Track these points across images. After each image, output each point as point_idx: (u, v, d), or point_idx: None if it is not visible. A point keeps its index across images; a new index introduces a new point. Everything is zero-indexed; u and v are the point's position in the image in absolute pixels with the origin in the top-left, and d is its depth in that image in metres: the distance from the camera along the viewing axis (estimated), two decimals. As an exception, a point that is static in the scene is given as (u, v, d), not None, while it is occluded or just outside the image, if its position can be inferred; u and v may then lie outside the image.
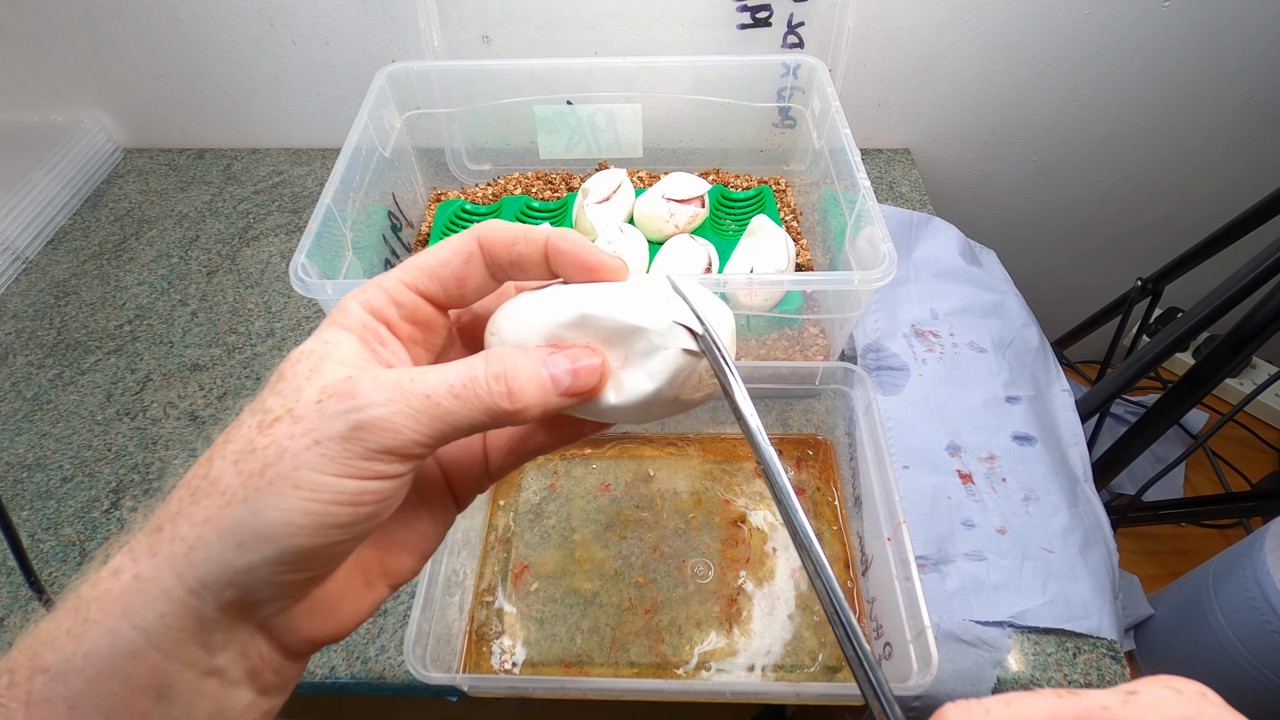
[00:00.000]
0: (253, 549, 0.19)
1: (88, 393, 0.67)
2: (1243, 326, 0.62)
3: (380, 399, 0.19)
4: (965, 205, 0.99)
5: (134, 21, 0.81)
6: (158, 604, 0.18)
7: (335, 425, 0.19)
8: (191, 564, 0.19)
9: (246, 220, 0.83)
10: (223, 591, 0.19)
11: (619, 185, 0.70)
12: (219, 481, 0.19)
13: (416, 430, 0.20)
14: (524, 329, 0.24)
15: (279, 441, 0.19)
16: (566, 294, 0.24)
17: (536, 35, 0.76)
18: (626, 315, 0.23)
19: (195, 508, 0.19)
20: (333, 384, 0.20)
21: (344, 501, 0.19)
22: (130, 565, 0.19)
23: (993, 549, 0.53)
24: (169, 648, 0.19)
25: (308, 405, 0.20)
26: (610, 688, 0.44)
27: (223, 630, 0.19)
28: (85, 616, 0.18)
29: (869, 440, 0.52)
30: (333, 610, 0.22)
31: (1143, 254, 1.07)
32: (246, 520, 0.19)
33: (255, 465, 0.19)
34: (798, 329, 0.64)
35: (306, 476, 0.19)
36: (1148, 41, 0.80)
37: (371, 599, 0.23)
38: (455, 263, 0.24)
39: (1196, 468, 1.28)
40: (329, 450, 0.19)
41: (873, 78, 0.84)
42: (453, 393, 0.20)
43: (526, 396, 0.21)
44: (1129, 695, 0.16)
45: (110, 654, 0.18)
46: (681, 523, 0.56)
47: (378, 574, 0.24)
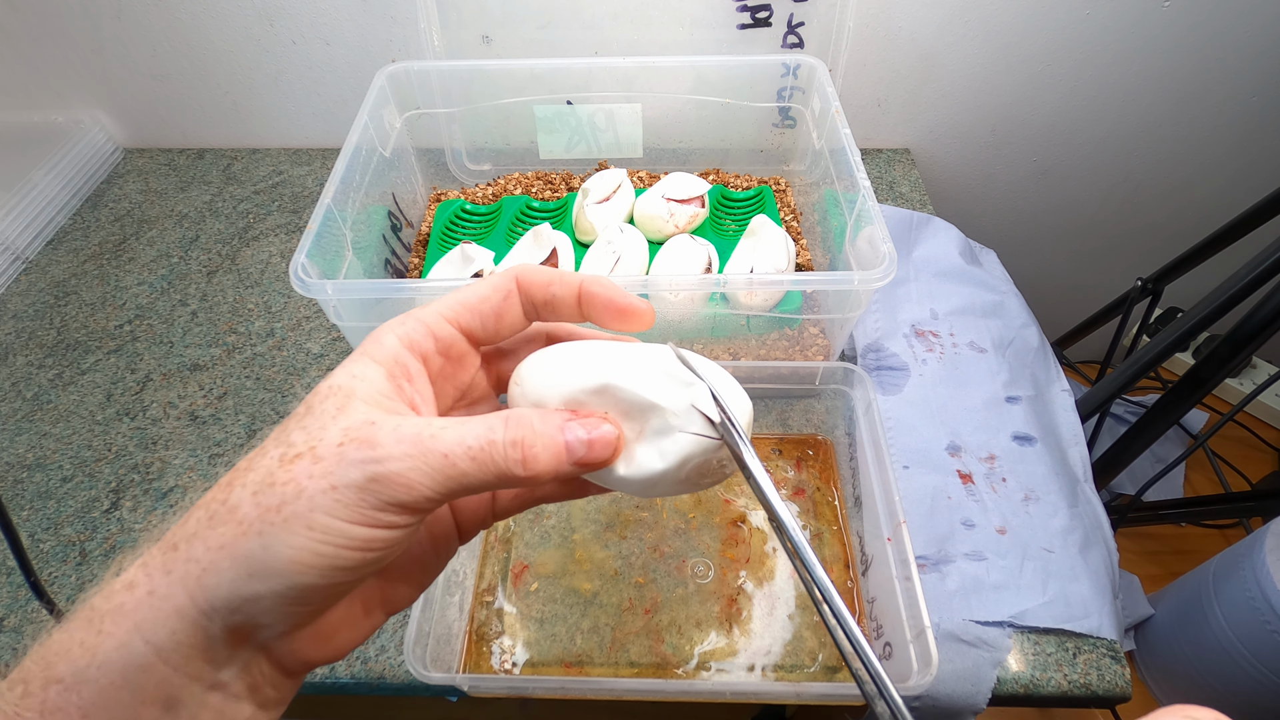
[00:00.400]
0: (262, 580, 0.19)
1: (88, 393, 0.67)
2: (1243, 326, 0.62)
3: (399, 453, 0.20)
4: (965, 205, 0.99)
5: (134, 21, 0.81)
6: (169, 621, 0.19)
7: (353, 474, 0.20)
8: (204, 587, 0.19)
9: (246, 220, 0.83)
10: (230, 616, 0.20)
11: (619, 185, 0.70)
12: (237, 510, 0.20)
13: (430, 487, 0.20)
14: (547, 386, 0.25)
15: (298, 480, 0.20)
16: (591, 357, 0.25)
17: (536, 35, 0.76)
18: (647, 392, 0.24)
19: (211, 532, 0.20)
20: (355, 427, 0.21)
21: (353, 547, 0.20)
22: (144, 580, 0.20)
23: (993, 549, 0.53)
24: (178, 662, 0.19)
25: (329, 446, 0.20)
26: (610, 688, 0.44)
27: (227, 649, 0.20)
28: (99, 629, 0.19)
29: (869, 440, 0.52)
30: (331, 636, 0.22)
31: (1143, 254, 1.07)
32: (259, 553, 0.19)
33: (273, 500, 0.20)
34: (798, 329, 0.64)
35: (320, 520, 0.19)
36: (1148, 41, 0.80)
37: (369, 626, 0.24)
38: (494, 299, 0.25)
39: (1196, 468, 1.28)
40: (344, 497, 0.20)
41: (873, 78, 0.84)
42: (469, 455, 0.21)
43: (540, 465, 0.22)
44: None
45: (122, 666, 0.19)
46: (681, 523, 0.56)
47: (377, 602, 0.24)
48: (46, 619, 0.52)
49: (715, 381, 0.24)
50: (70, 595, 0.53)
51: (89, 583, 0.54)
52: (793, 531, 0.23)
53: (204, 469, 0.61)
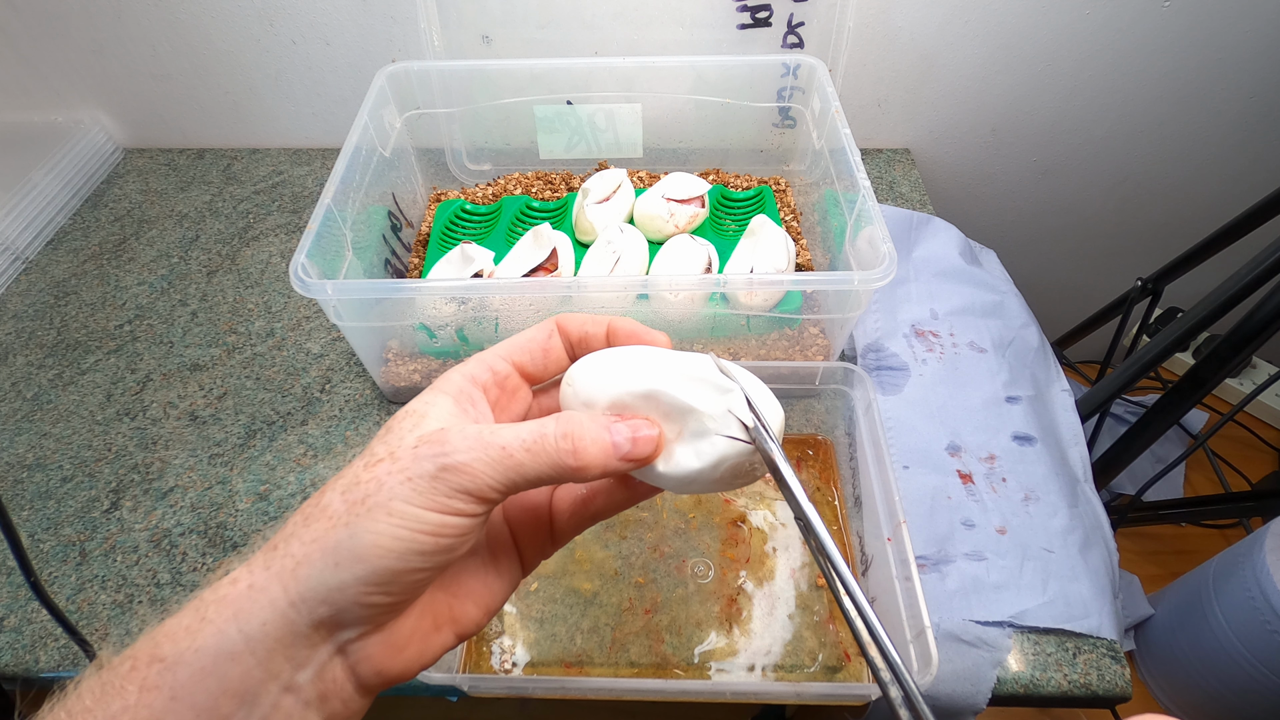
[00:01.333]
0: (347, 568, 0.22)
1: (88, 393, 0.67)
2: (1243, 326, 0.62)
3: (464, 446, 0.23)
4: (965, 205, 0.99)
5: (134, 21, 0.81)
6: (262, 611, 0.21)
7: (426, 465, 0.23)
8: (297, 578, 0.22)
9: (246, 220, 0.83)
10: (317, 607, 0.22)
11: (619, 185, 0.70)
12: (328, 509, 0.23)
13: (491, 476, 0.23)
14: (597, 387, 0.27)
15: (379, 477, 0.23)
16: (638, 362, 0.27)
17: (536, 35, 0.76)
18: (687, 397, 0.26)
19: (306, 530, 0.22)
20: (428, 434, 0.24)
21: (427, 531, 0.22)
22: (246, 576, 0.22)
23: (993, 549, 0.53)
24: (262, 655, 0.21)
25: (406, 449, 0.23)
26: (610, 688, 0.44)
27: (308, 646, 0.22)
28: (203, 615, 0.21)
29: (869, 440, 0.52)
30: (402, 646, 0.24)
31: (1143, 254, 1.07)
32: (345, 541, 0.22)
33: (358, 495, 0.22)
34: (798, 329, 0.64)
35: (398, 506, 0.22)
36: (1148, 41, 0.80)
37: (438, 643, 0.26)
38: (540, 338, 0.29)
39: (1196, 468, 1.28)
40: (419, 486, 0.22)
41: (873, 78, 0.84)
42: (524, 446, 0.24)
43: (588, 456, 0.25)
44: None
45: (215, 653, 0.21)
46: (681, 523, 0.56)
47: (446, 619, 0.26)
48: (47, 620, 0.52)
49: (751, 389, 0.26)
50: (70, 595, 0.53)
51: (89, 583, 0.54)
52: (821, 533, 0.25)
53: (204, 469, 0.61)
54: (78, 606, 0.53)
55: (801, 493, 0.25)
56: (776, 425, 0.26)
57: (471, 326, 0.60)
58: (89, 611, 0.52)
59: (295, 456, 0.61)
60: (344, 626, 0.23)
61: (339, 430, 0.63)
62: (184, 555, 0.55)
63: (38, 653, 0.50)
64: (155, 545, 0.56)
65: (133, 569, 0.55)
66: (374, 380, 0.65)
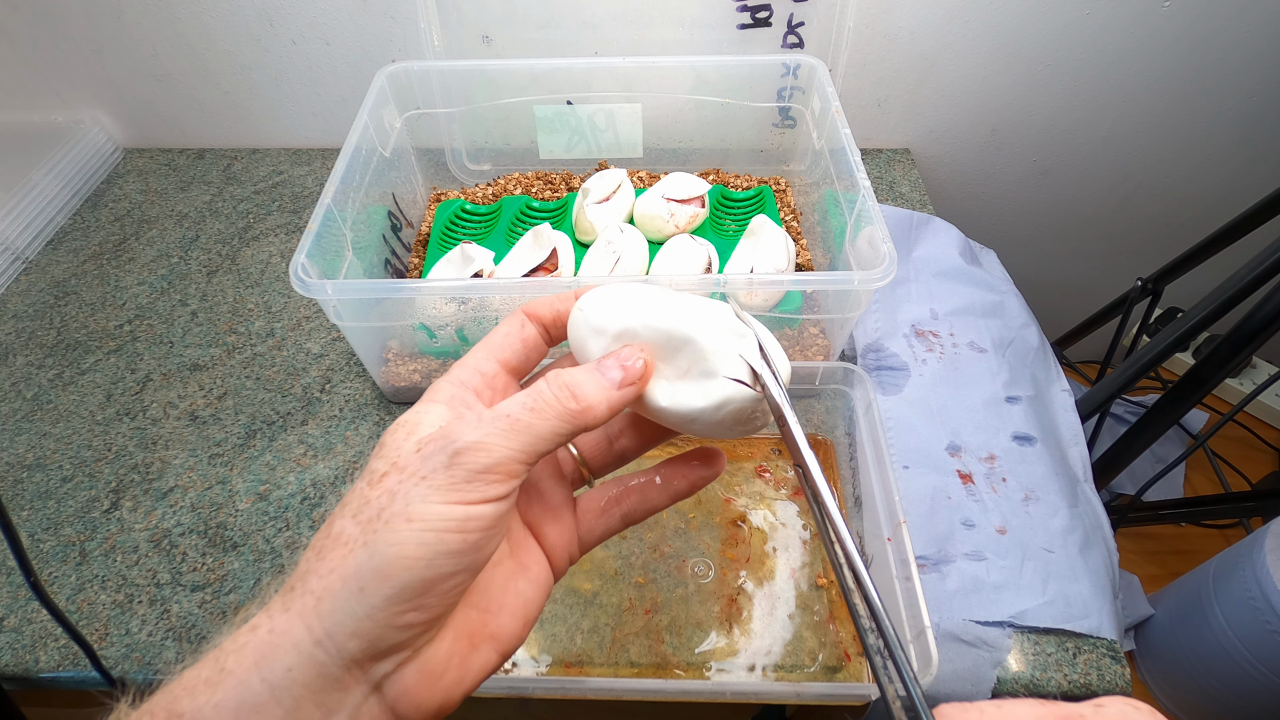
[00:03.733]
0: (373, 590, 0.20)
1: (88, 393, 0.67)
2: (1243, 326, 0.62)
3: (469, 429, 0.23)
4: (965, 205, 0.99)
5: (134, 21, 0.81)
6: (287, 657, 0.20)
7: (437, 460, 0.22)
8: (320, 615, 0.21)
9: (246, 220, 0.83)
10: (347, 642, 0.20)
11: (619, 185, 0.70)
12: (341, 535, 0.22)
13: (507, 446, 0.22)
14: (608, 316, 0.27)
15: (389, 488, 0.22)
16: (655, 298, 0.27)
17: (536, 35, 0.76)
18: (700, 336, 0.26)
19: (322, 563, 0.21)
20: (427, 436, 0.23)
21: (453, 529, 0.21)
22: (265, 621, 0.21)
23: (993, 549, 0.53)
24: (289, 704, 0.20)
25: (408, 456, 0.23)
26: (610, 688, 0.44)
27: (340, 690, 0.21)
28: (222, 666, 0.20)
29: (869, 440, 0.52)
30: (440, 673, 0.23)
31: (1143, 254, 1.07)
32: (366, 563, 0.21)
33: (371, 512, 0.22)
34: (798, 329, 0.64)
35: (417, 509, 0.21)
36: (1147, 41, 0.80)
37: (479, 663, 0.24)
38: (515, 332, 0.28)
39: (1196, 468, 1.28)
40: (435, 480, 0.22)
41: (873, 78, 0.84)
42: (527, 407, 0.23)
43: (587, 392, 0.24)
44: (1098, 708, 0.19)
45: (236, 705, 0.20)
46: (681, 522, 0.56)
47: (482, 636, 0.25)
48: (47, 620, 0.52)
49: (764, 337, 0.27)
50: (70, 595, 0.53)
51: (89, 583, 0.54)
52: (819, 482, 0.24)
53: (204, 469, 0.61)
54: (78, 606, 0.53)
55: (804, 440, 0.25)
56: (785, 374, 0.27)
57: (471, 326, 0.60)
58: (89, 611, 0.52)
59: (295, 456, 0.61)
60: (378, 659, 0.21)
61: (339, 430, 0.63)
62: (184, 555, 0.55)
63: (38, 653, 0.50)
64: (155, 545, 0.56)
65: (133, 569, 0.55)
66: (374, 380, 0.65)
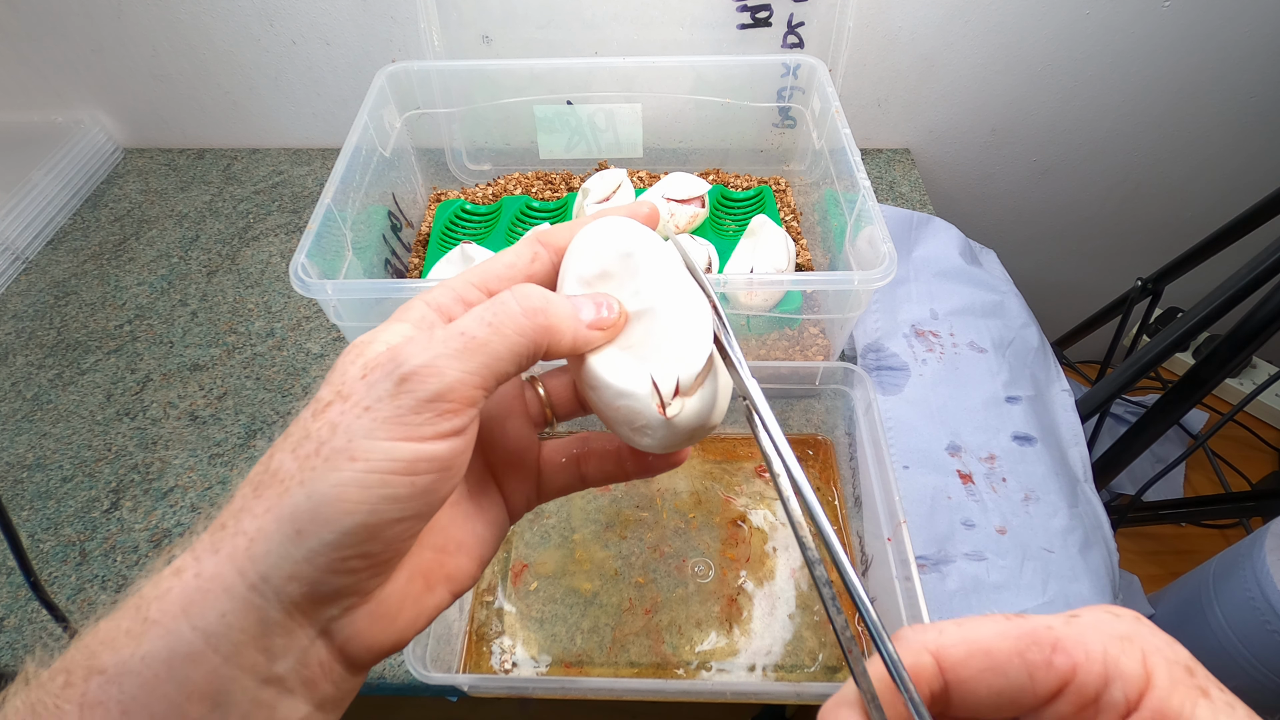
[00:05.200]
0: (312, 534, 0.18)
1: (88, 393, 0.67)
2: (1243, 326, 0.62)
3: (418, 350, 0.20)
4: (965, 205, 0.99)
5: (134, 21, 0.81)
6: (219, 602, 0.18)
7: (382, 386, 0.19)
8: (253, 558, 0.18)
9: (246, 220, 0.83)
10: (285, 585, 0.18)
11: (619, 185, 0.70)
12: (279, 472, 0.19)
13: (460, 368, 0.20)
14: (596, 258, 0.25)
15: (330, 420, 0.19)
16: (650, 263, 0.26)
17: (536, 35, 0.76)
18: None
19: (258, 501, 0.19)
20: (374, 358, 0.20)
21: (400, 470, 0.19)
22: (192, 564, 0.19)
23: (993, 549, 0.53)
24: (228, 651, 0.18)
25: (353, 383, 0.20)
26: (610, 688, 0.44)
27: (284, 635, 0.19)
28: (145, 616, 0.18)
29: (869, 440, 0.52)
30: (394, 615, 0.21)
31: (1143, 254, 1.07)
32: (303, 504, 0.18)
33: (310, 447, 0.19)
34: (798, 329, 0.64)
35: (361, 445, 0.19)
36: (1147, 41, 0.80)
37: (433, 603, 0.23)
38: (521, 264, 0.25)
39: (1196, 468, 1.28)
40: (380, 412, 0.19)
41: (873, 78, 0.84)
42: (485, 322, 0.20)
43: (555, 316, 0.22)
44: (1071, 618, 0.18)
45: (168, 657, 0.18)
46: (681, 522, 0.56)
47: (438, 577, 0.23)
48: (47, 620, 0.52)
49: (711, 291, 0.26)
50: (70, 595, 0.53)
51: (89, 583, 0.54)
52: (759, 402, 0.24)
53: (204, 469, 0.61)
54: (78, 606, 0.53)
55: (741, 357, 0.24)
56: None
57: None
58: (89, 611, 0.52)
59: (295, 456, 0.61)
60: (323, 603, 0.19)
61: (339, 430, 0.63)
62: (184, 555, 0.55)
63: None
64: (155, 545, 0.56)
65: (133, 569, 0.55)
66: (374, 380, 0.65)
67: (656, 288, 0.25)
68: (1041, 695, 0.17)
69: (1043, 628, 0.17)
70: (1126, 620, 0.17)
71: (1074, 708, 0.17)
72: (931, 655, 0.18)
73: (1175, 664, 0.17)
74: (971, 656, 0.18)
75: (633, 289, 0.25)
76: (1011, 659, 0.17)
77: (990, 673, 0.17)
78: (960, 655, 0.18)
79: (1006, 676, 0.17)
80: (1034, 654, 0.17)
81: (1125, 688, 0.16)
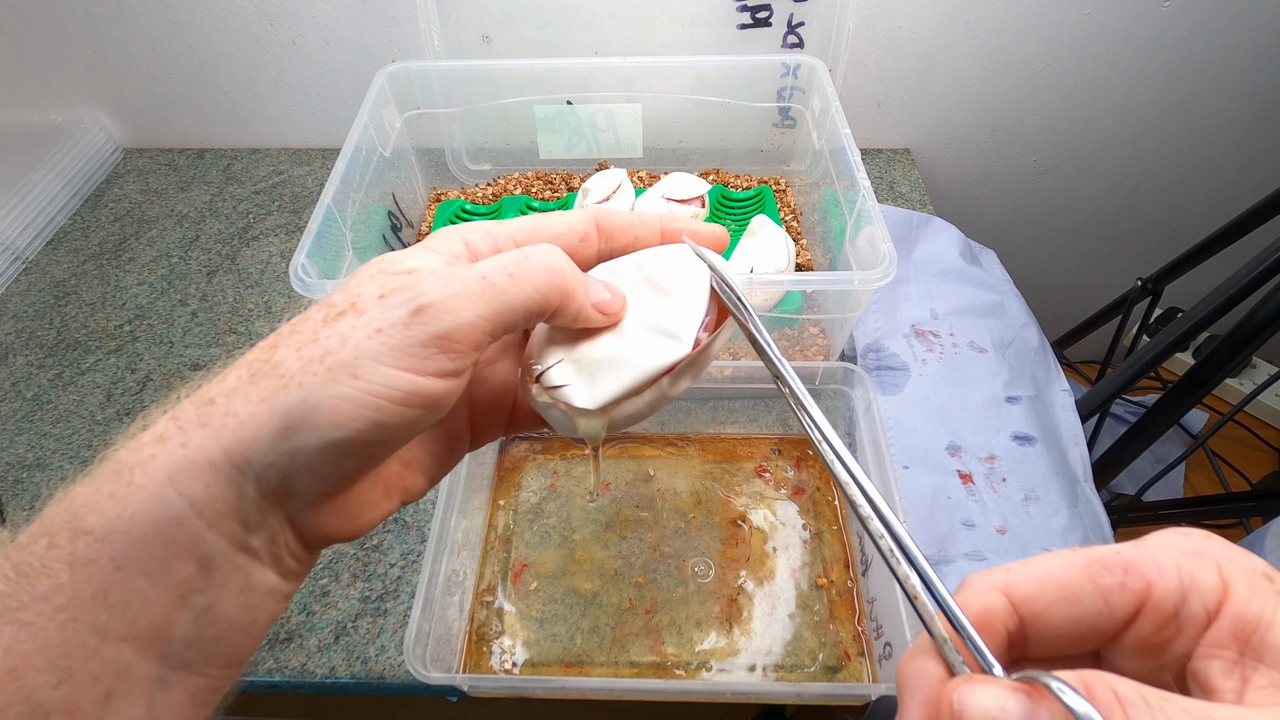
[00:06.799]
0: (299, 435, 0.19)
1: (88, 393, 0.67)
2: (1243, 326, 0.62)
3: (438, 285, 0.20)
4: (965, 205, 0.99)
5: (134, 21, 0.81)
6: (203, 474, 0.19)
7: (397, 312, 0.20)
8: (240, 441, 0.19)
9: (246, 220, 0.83)
10: (265, 472, 0.19)
11: (619, 185, 0.70)
12: (280, 365, 0.20)
13: (474, 311, 0.20)
14: (645, 271, 0.26)
15: (342, 332, 0.20)
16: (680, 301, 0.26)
17: (536, 35, 0.76)
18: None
19: (253, 387, 0.20)
20: (396, 281, 0.21)
21: (395, 400, 0.20)
22: (177, 434, 0.19)
23: (993, 549, 0.53)
24: (211, 518, 0.19)
25: (370, 299, 0.20)
26: (610, 688, 0.44)
27: (258, 513, 0.20)
28: (129, 480, 0.19)
29: (869, 440, 0.52)
30: (354, 515, 0.23)
31: (1143, 254, 1.07)
32: (298, 405, 0.19)
33: (317, 352, 0.20)
34: (798, 329, 0.64)
35: (366, 365, 0.19)
36: (1148, 41, 0.80)
37: (387, 508, 0.24)
38: (570, 239, 0.25)
39: (1196, 468, 1.28)
40: (390, 338, 0.20)
41: (873, 78, 0.84)
42: (507, 271, 0.21)
43: (572, 283, 0.23)
44: (1138, 543, 0.18)
45: (155, 519, 0.18)
46: (681, 522, 0.56)
47: (396, 488, 0.25)
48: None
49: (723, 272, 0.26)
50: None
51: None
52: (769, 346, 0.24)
53: (204, 469, 0.61)
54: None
55: (780, 356, 0.24)
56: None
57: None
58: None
59: (295, 456, 0.61)
60: (293, 496, 0.20)
61: (339, 430, 0.63)
62: (184, 555, 0.55)
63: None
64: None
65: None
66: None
67: (649, 333, 0.25)
68: (1119, 619, 0.17)
69: (1110, 553, 0.17)
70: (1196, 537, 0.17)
71: (1154, 627, 0.17)
72: (1002, 593, 0.18)
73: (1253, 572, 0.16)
74: (1042, 589, 0.17)
75: (649, 323, 0.25)
76: (1083, 586, 0.17)
77: (1064, 603, 0.17)
78: (1031, 589, 0.17)
79: (1081, 604, 0.17)
80: (1106, 578, 0.17)
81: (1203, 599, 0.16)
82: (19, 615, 0.18)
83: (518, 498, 0.58)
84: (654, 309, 0.25)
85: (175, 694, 0.19)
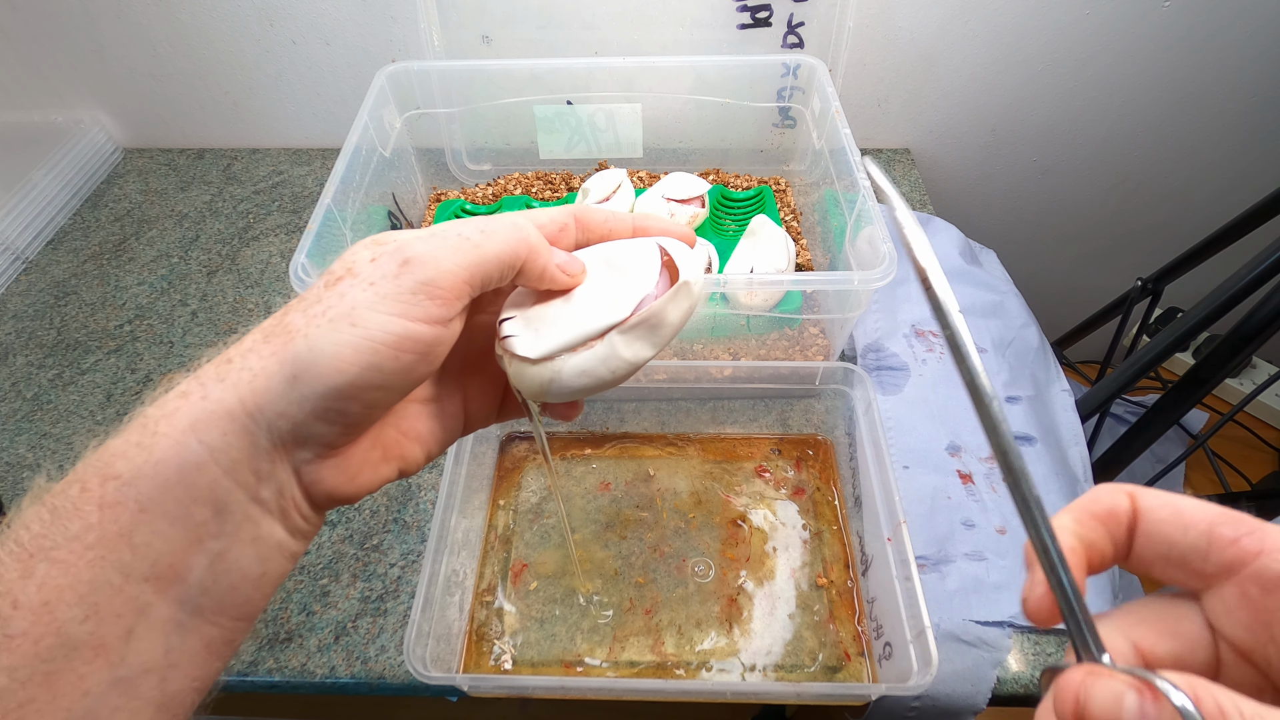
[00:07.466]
0: (305, 382, 0.21)
1: (88, 393, 0.67)
2: (1243, 326, 0.62)
3: (422, 243, 0.24)
4: (965, 205, 0.99)
5: (134, 21, 0.81)
6: (221, 423, 0.21)
7: (387, 266, 0.23)
8: (254, 390, 0.21)
9: (246, 220, 0.83)
10: (275, 421, 0.21)
11: (619, 185, 0.70)
12: (290, 326, 0.22)
13: (454, 261, 0.23)
14: (605, 256, 0.30)
15: (341, 290, 0.23)
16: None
17: (536, 35, 0.76)
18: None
19: (265, 345, 0.22)
20: (385, 247, 0.24)
21: (389, 344, 0.22)
22: (198, 389, 0.22)
23: (993, 549, 0.53)
24: (227, 465, 0.21)
25: (364, 263, 0.24)
26: (610, 688, 0.44)
27: (269, 462, 0.22)
28: (155, 430, 0.21)
29: (869, 440, 0.52)
30: (354, 474, 0.25)
31: (1143, 254, 1.07)
32: (304, 354, 0.21)
33: (320, 309, 0.22)
34: (798, 329, 0.64)
35: (362, 313, 0.22)
36: (1148, 41, 0.80)
37: (385, 473, 0.27)
38: (551, 229, 0.29)
39: (1196, 468, 1.28)
40: (382, 288, 0.22)
41: (873, 78, 0.84)
42: (479, 229, 0.25)
43: (537, 241, 0.26)
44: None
45: (178, 463, 0.20)
46: (681, 522, 0.56)
47: (394, 455, 0.27)
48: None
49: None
50: (70, 595, 0.53)
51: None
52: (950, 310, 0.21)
53: (204, 469, 0.61)
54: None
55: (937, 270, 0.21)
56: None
57: (471, 326, 0.60)
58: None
59: (295, 456, 0.61)
60: (301, 445, 0.22)
61: (339, 430, 0.63)
62: (184, 555, 0.55)
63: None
64: (155, 545, 0.56)
65: (133, 569, 0.55)
66: (374, 380, 0.65)
67: (595, 299, 0.28)
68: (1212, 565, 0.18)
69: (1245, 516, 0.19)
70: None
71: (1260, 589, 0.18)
72: (1129, 496, 0.20)
73: None
74: (1165, 507, 0.19)
75: (598, 292, 0.29)
76: (1199, 522, 0.19)
77: (1173, 525, 0.19)
78: (1155, 502, 0.19)
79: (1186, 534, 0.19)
80: (1225, 529, 0.18)
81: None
82: (53, 553, 0.19)
83: (518, 498, 0.58)
84: (605, 282, 0.29)
85: (191, 640, 0.21)
